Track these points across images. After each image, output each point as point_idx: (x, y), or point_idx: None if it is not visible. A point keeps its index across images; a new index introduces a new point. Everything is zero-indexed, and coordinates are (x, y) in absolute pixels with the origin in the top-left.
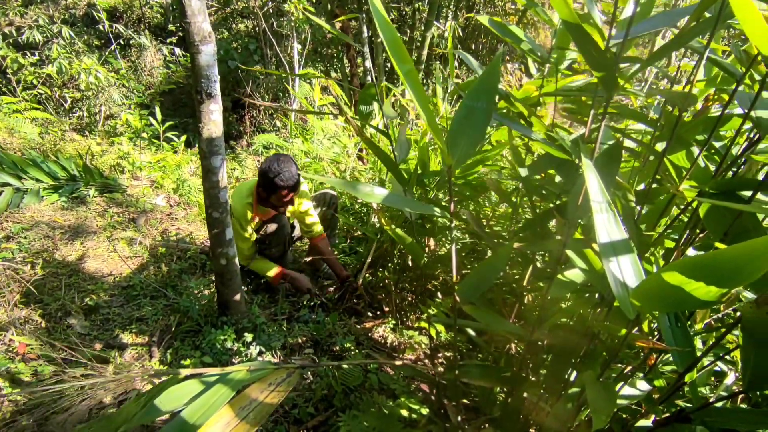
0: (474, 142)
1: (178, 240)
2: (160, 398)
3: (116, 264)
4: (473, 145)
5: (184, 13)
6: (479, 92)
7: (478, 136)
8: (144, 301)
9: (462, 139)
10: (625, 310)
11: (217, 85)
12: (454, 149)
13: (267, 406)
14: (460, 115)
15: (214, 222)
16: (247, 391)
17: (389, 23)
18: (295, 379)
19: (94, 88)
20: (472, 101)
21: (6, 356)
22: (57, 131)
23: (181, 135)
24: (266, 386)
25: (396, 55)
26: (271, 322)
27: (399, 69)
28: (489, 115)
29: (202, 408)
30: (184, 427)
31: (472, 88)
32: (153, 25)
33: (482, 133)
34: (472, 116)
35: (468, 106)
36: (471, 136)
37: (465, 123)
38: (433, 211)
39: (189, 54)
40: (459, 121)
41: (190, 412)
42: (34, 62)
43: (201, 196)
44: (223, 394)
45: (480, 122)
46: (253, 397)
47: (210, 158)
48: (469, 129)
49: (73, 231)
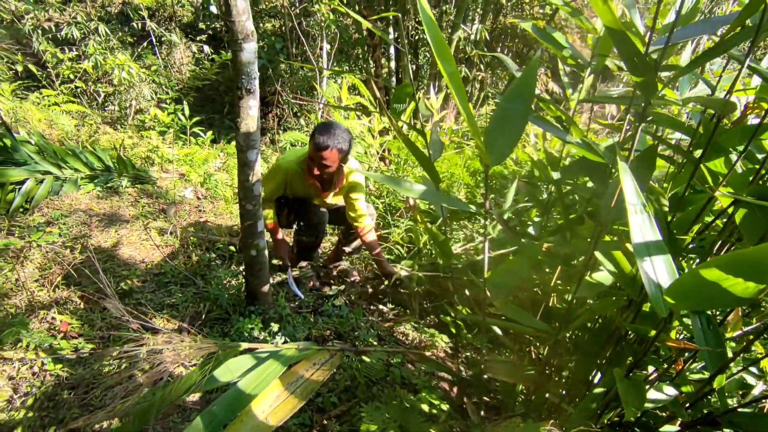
0: (510, 142)
1: (206, 231)
2: (219, 369)
3: (148, 252)
4: (510, 146)
5: (229, 12)
6: (516, 94)
7: (515, 136)
8: (174, 288)
9: (499, 139)
10: (657, 309)
11: (256, 81)
12: (491, 149)
13: (312, 383)
14: (498, 116)
15: (247, 214)
16: (295, 368)
17: (435, 23)
18: (338, 361)
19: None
20: (509, 103)
21: (49, 334)
22: (92, 123)
23: (207, 130)
24: (311, 365)
25: (441, 56)
26: (296, 314)
27: (443, 69)
28: (525, 117)
29: (256, 380)
30: (240, 396)
31: (510, 90)
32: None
33: (519, 134)
34: (508, 117)
35: (505, 108)
36: (508, 137)
37: (502, 124)
38: (470, 209)
39: (231, 51)
40: (496, 122)
41: (245, 383)
42: (72, 57)
43: (227, 190)
44: (274, 370)
45: (516, 123)
46: (300, 374)
47: (246, 152)
48: (505, 130)
49: (107, 219)
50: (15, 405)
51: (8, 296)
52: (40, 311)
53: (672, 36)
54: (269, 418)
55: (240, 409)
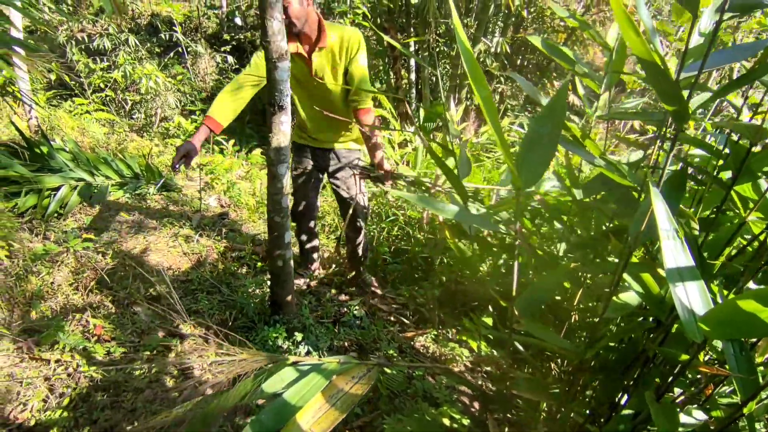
0: (541, 165)
1: (230, 240)
2: (268, 381)
3: (175, 259)
4: (541, 169)
5: (265, 33)
6: (546, 118)
7: (546, 160)
8: (201, 295)
9: (530, 162)
10: (691, 336)
11: (288, 98)
12: (523, 172)
13: (352, 396)
14: (528, 139)
15: (275, 225)
16: (336, 381)
17: (471, 51)
18: (375, 375)
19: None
20: (540, 126)
21: (83, 336)
22: (121, 131)
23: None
24: (350, 379)
25: (475, 81)
26: (318, 324)
27: (478, 94)
28: (556, 141)
29: (301, 392)
30: (286, 407)
31: (540, 114)
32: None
33: (549, 157)
34: (539, 140)
35: (535, 131)
36: (538, 160)
37: (532, 147)
38: (499, 229)
39: (266, 69)
40: (527, 145)
41: (291, 394)
42: (104, 68)
43: (250, 199)
44: (317, 383)
45: (547, 147)
46: (340, 387)
47: (277, 165)
48: (536, 152)
49: (136, 225)
50: (51, 405)
51: (44, 299)
52: (75, 314)
53: (703, 63)
54: (313, 429)
55: (286, 419)
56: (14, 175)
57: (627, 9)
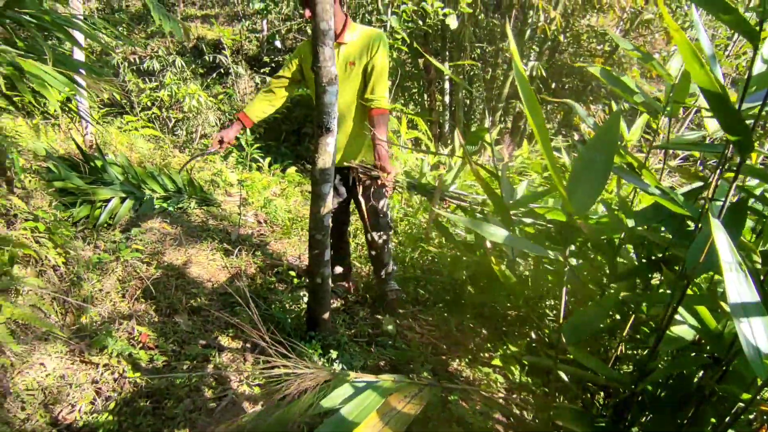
0: (593, 193)
1: (267, 255)
2: (328, 397)
3: (215, 271)
4: (593, 196)
5: (317, 59)
6: (598, 145)
7: (598, 187)
8: (239, 308)
9: (581, 189)
10: (757, 373)
11: (335, 120)
12: (573, 199)
13: (405, 415)
14: (579, 166)
15: (316, 243)
16: (389, 400)
17: (526, 78)
18: (428, 395)
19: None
20: (591, 153)
21: (129, 343)
22: (165, 147)
23: (265, 156)
24: (403, 398)
25: (530, 109)
26: (352, 342)
27: (532, 122)
28: (609, 168)
29: (357, 409)
30: (343, 422)
31: (592, 141)
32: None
33: (602, 185)
34: (591, 168)
35: (587, 158)
36: (590, 188)
37: (584, 174)
38: (548, 254)
39: (315, 93)
40: (578, 172)
41: (348, 410)
42: (152, 87)
43: (286, 216)
44: (373, 400)
45: (599, 174)
46: (394, 406)
47: (321, 185)
48: (588, 180)
49: (179, 238)
50: (97, 407)
51: (94, 304)
52: (122, 321)
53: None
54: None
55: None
56: (71, 186)
57: (679, 30)
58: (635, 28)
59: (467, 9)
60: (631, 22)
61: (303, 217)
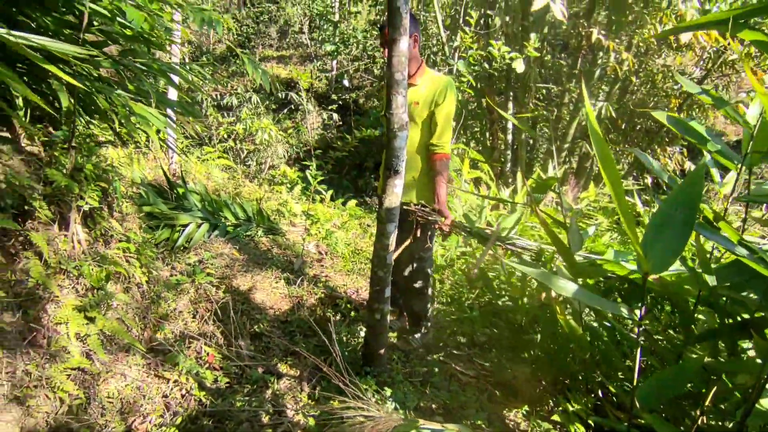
0: (673, 251)
1: (327, 286)
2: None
3: (277, 299)
4: (673, 255)
5: (390, 105)
6: (679, 201)
7: (678, 246)
8: (298, 337)
9: (659, 245)
10: None
11: (403, 163)
12: (650, 255)
13: None
14: (657, 221)
15: (378, 280)
16: None
17: (602, 137)
18: None
19: (266, 143)
20: (671, 209)
21: (196, 362)
22: (238, 177)
23: (328, 189)
24: None
25: (605, 165)
26: (406, 381)
27: (606, 176)
28: (690, 226)
29: None
30: None
31: (672, 195)
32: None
33: (683, 243)
34: (670, 224)
35: (666, 213)
36: (669, 245)
37: (662, 230)
38: (621, 312)
39: (387, 137)
40: (656, 227)
41: None
42: (230, 121)
43: (346, 249)
44: None
45: (680, 232)
46: None
47: (386, 224)
48: (667, 237)
49: (246, 264)
50: (166, 421)
51: (168, 322)
52: (192, 340)
53: None
54: None
55: None
56: (157, 211)
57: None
58: (718, 68)
59: (534, 53)
60: (713, 62)
61: (362, 250)
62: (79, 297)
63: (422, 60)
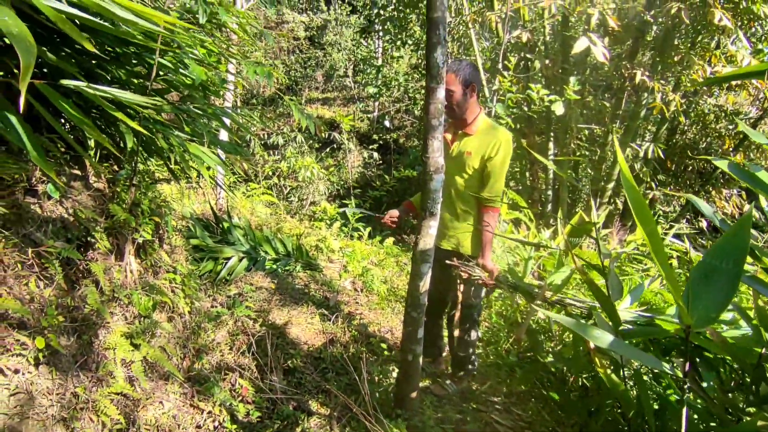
0: (718, 305)
1: (361, 324)
2: None
3: (312, 335)
4: (717, 309)
5: (425, 149)
6: (725, 251)
7: (724, 300)
8: (330, 375)
9: (703, 299)
10: None
11: (438, 205)
12: (693, 309)
13: None
14: (701, 274)
15: (411, 321)
16: None
17: (635, 186)
18: None
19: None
20: (716, 260)
21: (230, 394)
22: (280, 213)
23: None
24: None
25: (640, 217)
26: (439, 427)
27: (642, 228)
28: (737, 279)
29: None
30: None
31: (717, 246)
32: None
33: (729, 296)
34: (715, 276)
35: (710, 265)
36: (714, 298)
37: (707, 282)
38: (662, 367)
39: (423, 180)
40: (699, 280)
41: None
42: (276, 159)
43: (382, 286)
44: None
45: (725, 285)
46: None
47: (420, 265)
48: (712, 290)
49: (283, 299)
50: None
51: (207, 353)
52: (228, 372)
53: None
54: None
55: None
56: (202, 244)
57: None
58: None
59: (574, 96)
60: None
61: (398, 288)
62: (127, 324)
63: (481, 110)
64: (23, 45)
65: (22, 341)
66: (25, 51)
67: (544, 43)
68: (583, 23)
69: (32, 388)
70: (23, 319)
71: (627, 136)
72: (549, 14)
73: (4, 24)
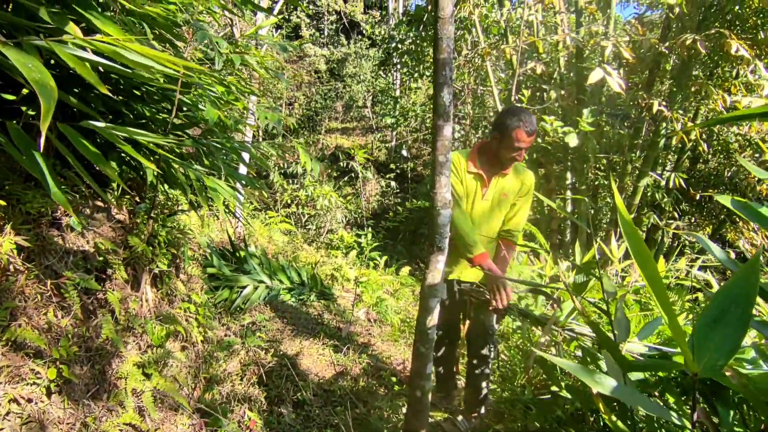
0: (726, 352)
1: (373, 356)
2: None
3: (323, 367)
4: (725, 356)
5: (433, 185)
6: (733, 295)
7: (732, 346)
8: (340, 409)
9: (711, 345)
10: None
11: (446, 241)
12: (700, 355)
13: None
14: (709, 318)
15: (420, 356)
16: None
17: (636, 231)
18: None
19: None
20: (725, 302)
21: (238, 426)
22: (297, 241)
23: (382, 255)
24: None
25: (639, 260)
26: None
27: (642, 272)
28: (746, 324)
29: None
30: None
31: (725, 288)
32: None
33: (737, 343)
34: (723, 320)
35: (719, 308)
36: (722, 345)
37: (714, 327)
38: (670, 416)
39: (430, 215)
40: (707, 325)
41: None
42: (295, 188)
43: (395, 317)
44: None
45: (734, 330)
46: None
47: (428, 299)
48: (719, 335)
49: (296, 328)
50: None
51: (217, 383)
52: (236, 404)
53: None
54: None
55: None
56: (219, 273)
57: None
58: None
59: (588, 128)
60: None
61: (412, 319)
62: (140, 353)
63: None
64: (44, 90)
65: (36, 371)
66: (45, 96)
67: (560, 74)
68: (597, 55)
69: (44, 417)
70: (39, 348)
71: (646, 165)
72: (563, 46)
73: (27, 71)
